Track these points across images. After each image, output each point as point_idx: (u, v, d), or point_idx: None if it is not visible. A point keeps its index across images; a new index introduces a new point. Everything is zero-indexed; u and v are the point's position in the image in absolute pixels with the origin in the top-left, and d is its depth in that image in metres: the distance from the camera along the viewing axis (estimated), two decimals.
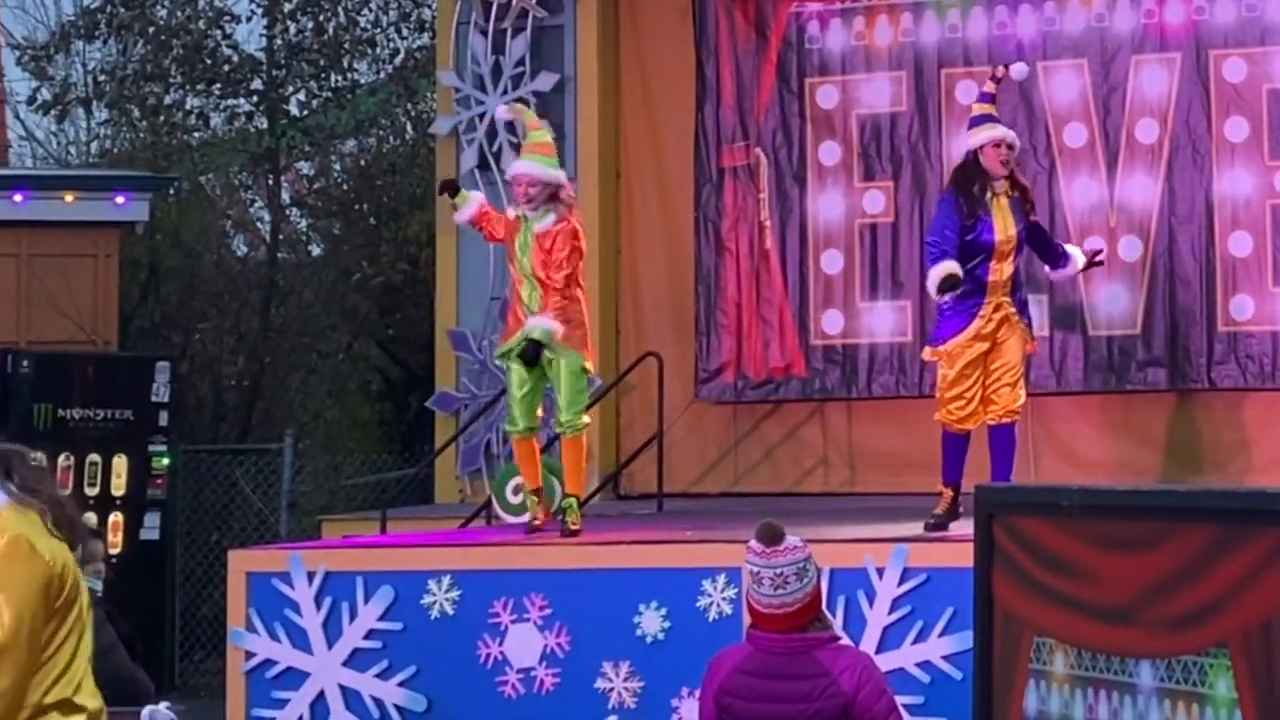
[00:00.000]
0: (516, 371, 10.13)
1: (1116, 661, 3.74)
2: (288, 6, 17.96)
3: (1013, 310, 9.56)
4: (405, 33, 18.44)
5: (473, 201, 10.48)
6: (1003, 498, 4.24)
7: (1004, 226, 9.55)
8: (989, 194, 9.60)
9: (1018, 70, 10.40)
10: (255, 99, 18.18)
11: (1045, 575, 3.95)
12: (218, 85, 18.00)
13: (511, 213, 10.27)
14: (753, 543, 6.55)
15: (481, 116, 13.77)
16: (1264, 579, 3.39)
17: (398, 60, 18.41)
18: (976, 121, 9.85)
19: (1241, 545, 3.47)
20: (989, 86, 10.07)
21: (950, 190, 9.80)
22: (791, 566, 6.49)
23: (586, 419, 10.28)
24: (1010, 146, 9.67)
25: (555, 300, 10.04)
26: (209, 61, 17.82)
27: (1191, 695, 3.56)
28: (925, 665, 8.80)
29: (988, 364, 9.57)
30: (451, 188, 10.69)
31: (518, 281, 10.16)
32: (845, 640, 7.51)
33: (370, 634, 9.46)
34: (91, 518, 13.67)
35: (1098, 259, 10.48)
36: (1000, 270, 9.53)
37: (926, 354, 9.91)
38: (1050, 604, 3.93)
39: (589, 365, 10.20)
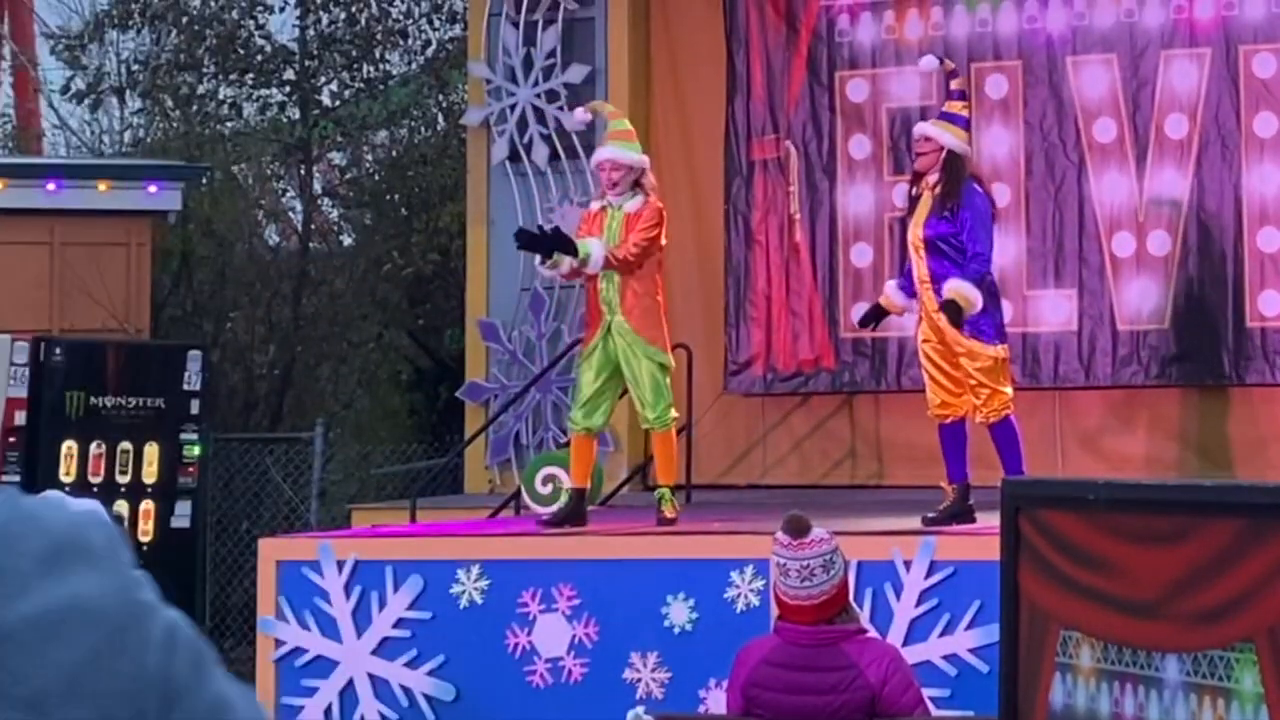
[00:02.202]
0: (589, 370, 10.03)
1: (1143, 655, 3.77)
2: None
3: (934, 308, 9.47)
4: (437, 24, 18.47)
5: (596, 252, 9.89)
6: (1029, 491, 4.27)
7: (916, 224, 9.53)
8: (915, 190, 9.64)
9: (924, 63, 10.40)
10: (288, 89, 18.23)
11: (1072, 569, 3.97)
12: (250, 75, 18.06)
13: (595, 205, 10.19)
14: (779, 535, 6.58)
15: (513, 108, 13.81)
16: None
17: (429, 51, 18.45)
18: (939, 117, 9.88)
19: (1268, 540, 3.49)
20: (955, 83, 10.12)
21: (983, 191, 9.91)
22: (818, 559, 6.52)
23: (675, 413, 10.23)
24: (928, 139, 9.60)
25: (634, 287, 9.96)
26: (242, 52, 17.88)
27: (1218, 690, 3.59)
28: (952, 658, 8.82)
29: (961, 365, 9.54)
30: (561, 241, 10.02)
31: (596, 276, 9.97)
32: (872, 632, 7.55)
33: (399, 623, 9.51)
34: (123, 505, 13.75)
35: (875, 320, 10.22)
36: (919, 266, 9.54)
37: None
38: (1077, 597, 3.95)
39: (668, 361, 10.08)
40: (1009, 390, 9.65)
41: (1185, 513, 3.71)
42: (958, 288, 9.28)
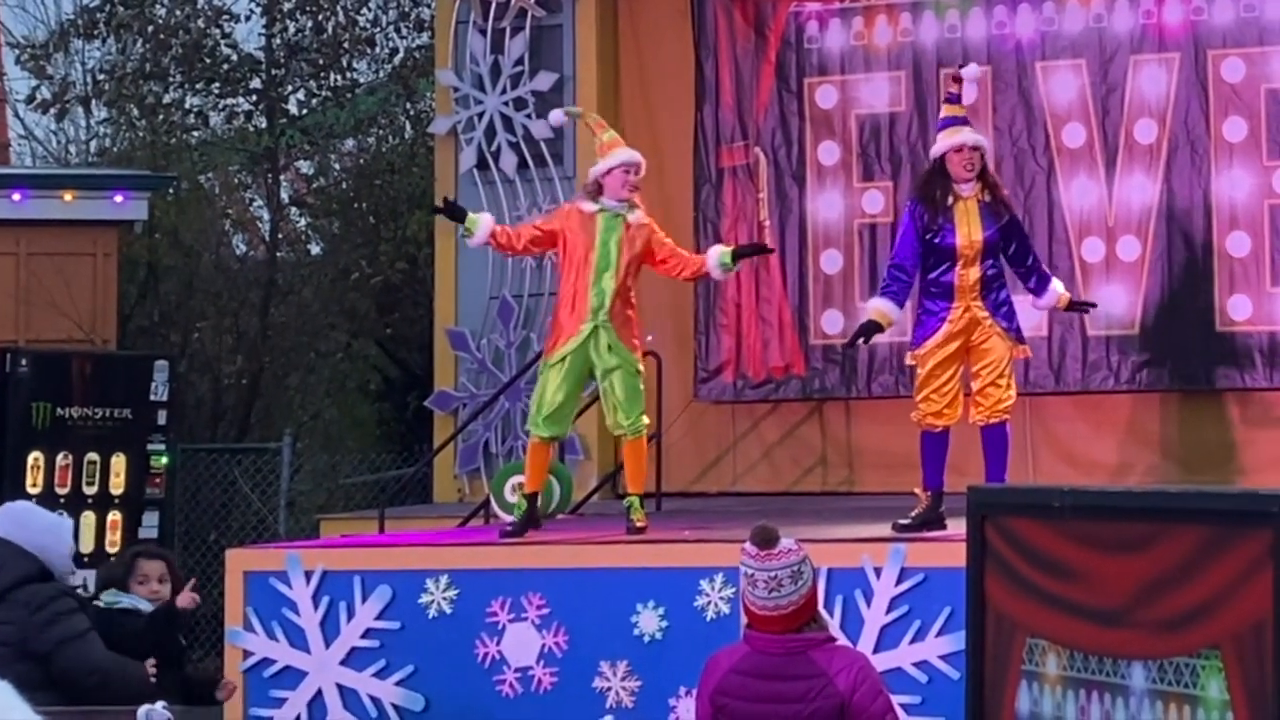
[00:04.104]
0: (566, 376, 9.96)
1: (1109, 663, 3.74)
2: (287, 5, 17.95)
3: (984, 313, 9.50)
4: (404, 32, 18.42)
5: (483, 226, 10.11)
6: (995, 498, 4.24)
7: (967, 231, 9.51)
8: (952, 198, 9.57)
9: (968, 72, 10.35)
10: (254, 98, 18.18)
11: (1038, 576, 3.95)
12: (217, 84, 17.99)
13: (588, 207, 10.06)
14: (747, 545, 6.55)
15: (481, 116, 13.77)
16: (1256, 580, 3.39)
17: (397, 59, 18.40)
18: (944, 124, 9.87)
19: (1233, 546, 3.46)
20: (953, 87, 10.06)
21: (911, 198, 9.87)
22: (786, 570, 6.48)
23: (647, 419, 10.20)
24: (975, 148, 9.63)
25: (623, 294, 9.92)
26: (208, 60, 17.81)
27: (1183, 697, 3.56)
28: (923, 665, 8.81)
29: (970, 364, 9.56)
30: (454, 210, 10.37)
31: (583, 278, 9.90)
32: (842, 640, 7.52)
33: (368, 633, 9.47)
34: (90, 517, 13.68)
35: (1084, 307, 10.78)
36: (966, 275, 9.51)
37: (908, 358, 9.93)
38: (1043, 605, 3.92)
39: (641, 367, 10.06)
40: (1014, 394, 9.67)
41: (1151, 520, 3.69)
42: (1062, 290, 10.06)
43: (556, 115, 11.24)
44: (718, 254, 10.33)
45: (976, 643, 4.10)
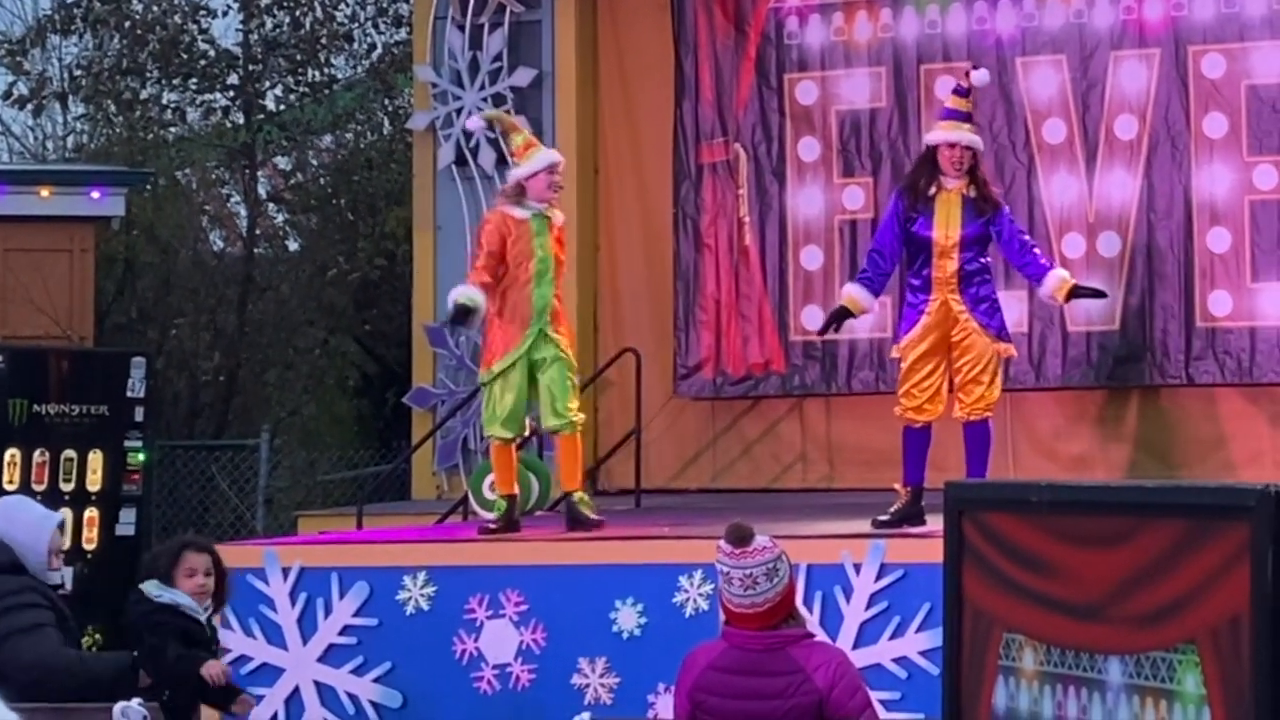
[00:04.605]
0: (515, 382, 9.93)
1: (1086, 658, 3.72)
2: (264, 1, 17.91)
3: (961, 307, 9.49)
4: (382, 28, 18.39)
5: (480, 297, 9.90)
6: (972, 494, 4.22)
7: (945, 224, 9.52)
8: (935, 189, 9.58)
9: (978, 77, 10.31)
10: (232, 94, 18.13)
11: (1015, 571, 3.92)
12: (194, 80, 17.94)
13: (519, 214, 10.02)
14: (722, 544, 6.54)
15: (459, 112, 13.73)
16: (1232, 575, 3.38)
17: (375, 55, 18.36)
18: (945, 114, 9.90)
19: (1210, 541, 3.45)
20: (964, 81, 10.07)
21: (899, 186, 9.90)
22: (761, 567, 6.47)
23: (582, 415, 10.20)
24: (968, 148, 9.62)
25: (558, 294, 10.01)
26: (185, 56, 17.76)
27: (1160, 691, 3.54)
28: (902, 661, 8.80)
29: (952, 360, 9.55)
30: (464, 313, 9.99)
31: (522, 287, 9.88)
32: (820, 636, 7.51)
33: (345, 630, 9.46)
34: (67, 514, 13.62)
35: (1091, 294, 10.32)
36: (943, 267, 9.51)
37: (892, 352, 9.93)
38: (1020, 600, 3.90)
39: (574, 364, 10.14)
40: (998, 392, 9.65)
41: (1128, 514, 3.67)
42: (1063, 275, 9.85)
43: (474, 121, 11.23)
44: None
45: (953, 638, 4.08)
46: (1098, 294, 10.50)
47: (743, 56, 13.45)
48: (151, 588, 7.71)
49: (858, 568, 8.88)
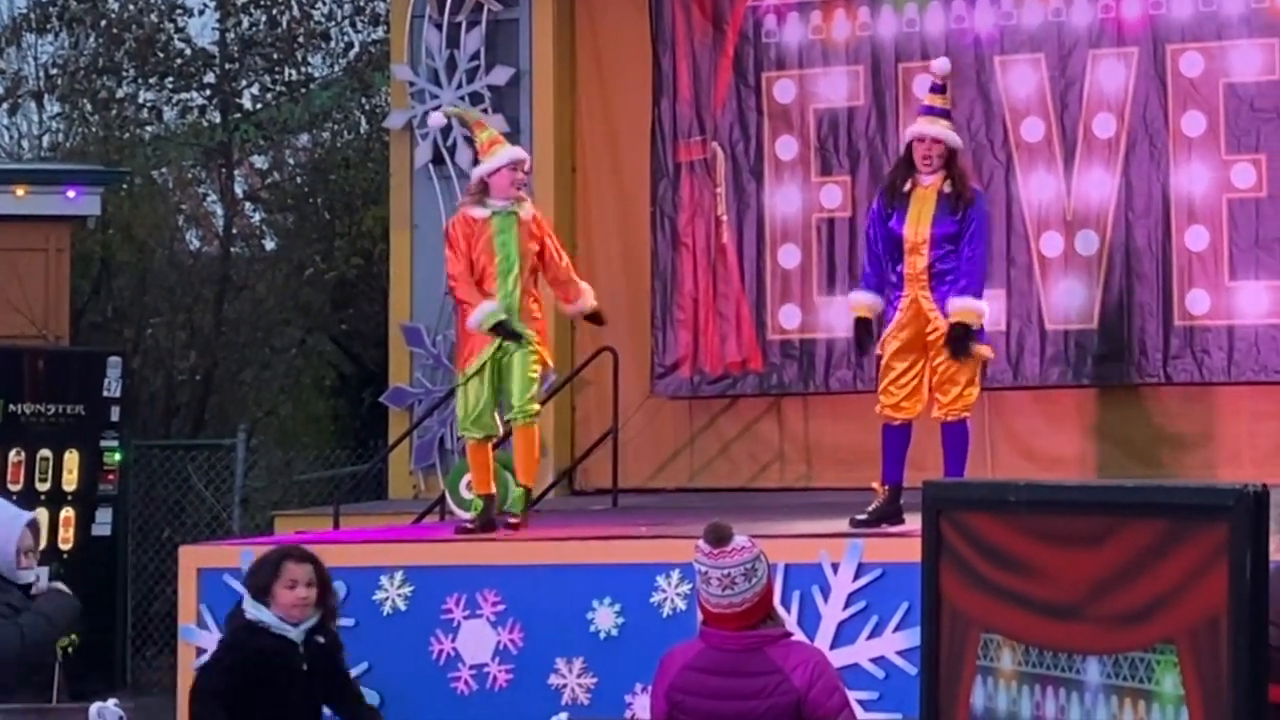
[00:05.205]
0: (487, 382, 9.92)
1: (1064, 658, 3.71)
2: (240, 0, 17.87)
3: (930, 305, 9.44)
4: (359, 26, 18.36)
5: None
6: (950, 493, 4.20)
7: (916, 221, 9.47)
8: (910, 185, 9.56)
9: (938, 66, 10.28)
10: (208, 93, 18.09)
11: (993, 571, 3.91)
12: (170, 79, 17.91)
13: (478, 213, 9.98)
14: (700, 543, 6.51)
15: (436, 111, 13.69)
16: (1211, 575, 3.36)
17: (352, 54, 18.34)
18: (920, 111, 9.90)
19: (1188, 541, 3.43)
20: (936, 77, 10.05)
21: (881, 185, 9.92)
22: (739, 567, 6.44)
23: (538, 406, 10.17)
24: (938, 141, 9.58)
25: (531, 292, 9.96)
26: (161, 55, 17.72)
27: (1138, 692, 3.53)
28: (880, 660, 8.79)
29: (930, 359, 9.51)
30: (511, 333, 9.99)
31: (487, 287, 9.88)
32: (798, 636, 7.48)
33: None
34: (43, 513, 13.58)
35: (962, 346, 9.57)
36: (914, 263, 9.48)
37: (877, 348, 9.90)
38: (998, 600, 3.89)
39: (548, 359, 10.09)
40: (976, 392, 9.59)
41: (1106, 514, 3.65)
42: (966, 306, 9.30)
43: (436, 117, 11.19)
44: (587, 299, 10.23)
45: (931, 638, 4.07)
46: (963, 349, 9.51)
47: (721, 55, 13.44)
48: (247, 604, 7.39)
49: (835, 567, 8.87)
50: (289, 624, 7.31)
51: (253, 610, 7.31)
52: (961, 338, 9.35)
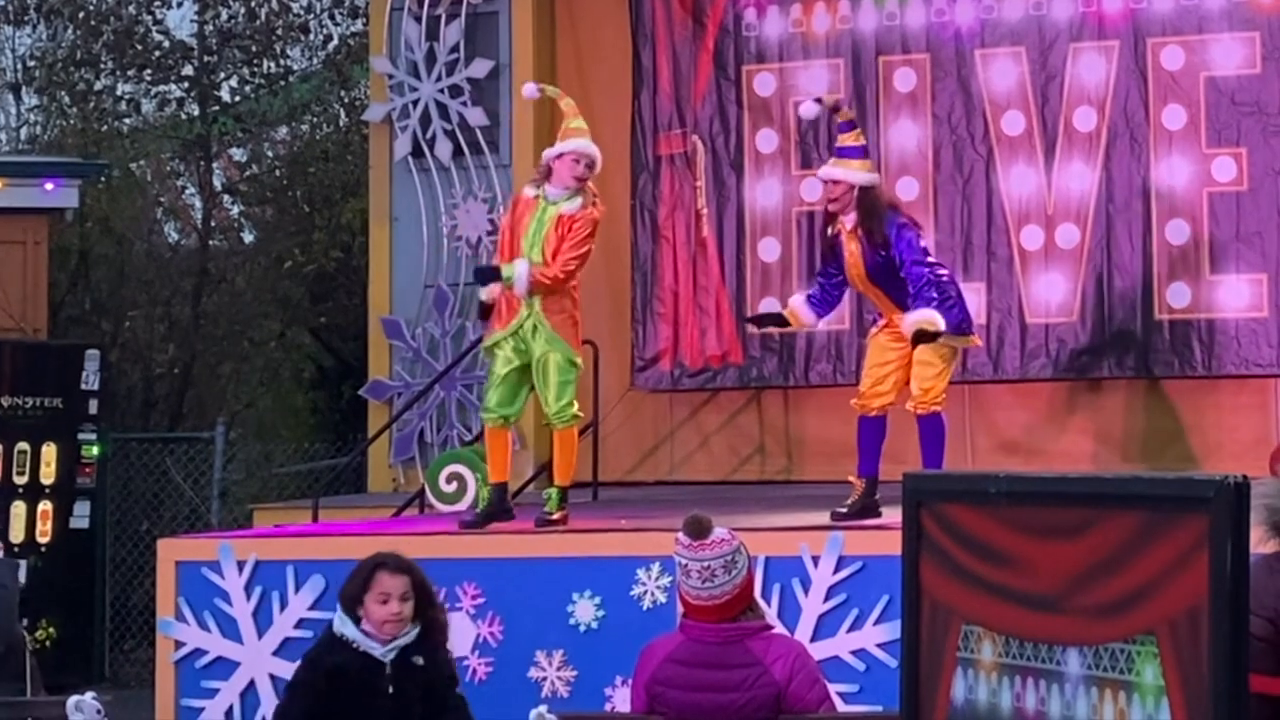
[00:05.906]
0: (502, 358, 9.81)
1: (1044, 649, 3.70)
2: None
3: (901, 318, 9.41)
4: (338, 19, 18.31)
5: (520, 272, 9.69)
6: (930, 485, 4.18)
7: (851, 265, 9.40)
8: (836, 228, 9.48)
9: (804, 110, 10.25)
10: (187, 85, 18.05)
11: (973, 563, 3.89)
12: (149, 71, 17.86)
13: (529, 192, 9.90)
14: (680, 536, 6.51)
15: (415, 103, 13.68)
16: (1191, 566, 3.36)
17: (331, 46, 18.29)
18: (835, 152, 9.77)
19: (1168, 532, 3.42)
20: (839, 116, 9.93)
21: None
22: (719, 560, 6.44)
23: (578, 412, 9.98)
24: (837, 182, 9.46)
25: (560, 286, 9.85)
26: (140, 47, 17.67)
27: (1119, 683, 3.52)
28: (860, 653, 8.79)
29: (911, 356, 9.49)
30: (486, 273, 9.99)
31: (517, 256, 9.73)
32: (779, 629, 7.48)
33: (301, 623, 9.41)
34: (21, 506, 13.55)
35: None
36: (880, 302, 9.50)
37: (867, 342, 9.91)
38: (978, 592, 3.87)
39: (578, 360, 9.87)
40: (944, 383, 9.54)
41: (1086, 506, 3.64)
42: (920, 319, 9.17)
43: (530, 88, 11.07)
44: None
45: (911, 630, 4.05)
46: (927, 338, 9.39)
47: (700, 48, 13.43)
48: (336, 615, 6.78)
49: (816, 560, 8.86)
50: (376, 641, 6.67)
51: (339, 623, 6.71)
52: (924, 340, 9.26)
